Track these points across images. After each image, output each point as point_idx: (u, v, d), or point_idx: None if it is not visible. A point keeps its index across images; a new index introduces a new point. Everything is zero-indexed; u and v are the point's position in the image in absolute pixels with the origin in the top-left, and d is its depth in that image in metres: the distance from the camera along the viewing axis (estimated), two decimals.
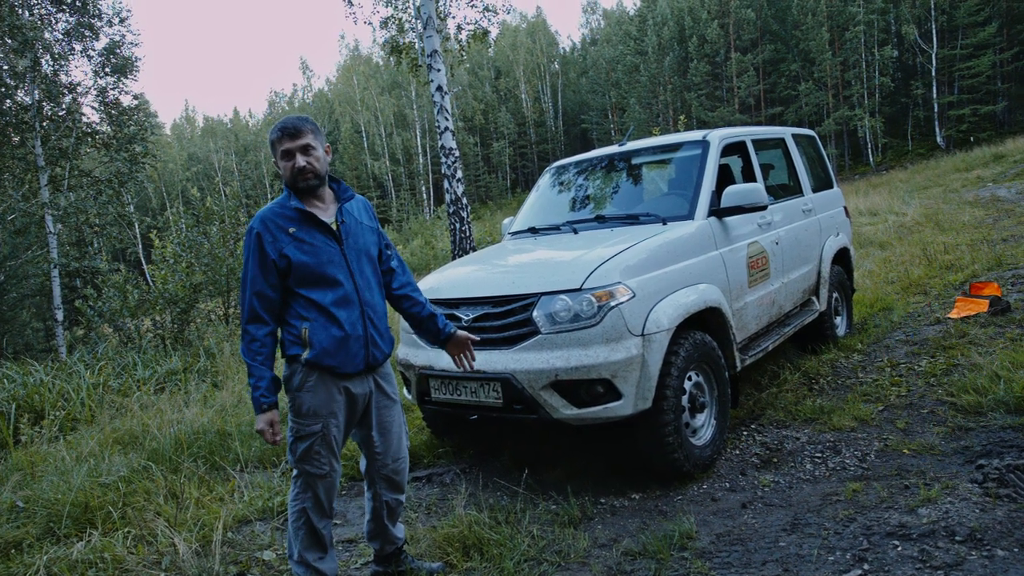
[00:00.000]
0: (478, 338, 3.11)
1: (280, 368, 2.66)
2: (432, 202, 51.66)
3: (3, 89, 13.10)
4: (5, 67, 13.39)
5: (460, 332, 2.95)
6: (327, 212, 2.67)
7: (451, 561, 3.05)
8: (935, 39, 36.72)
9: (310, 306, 2.57)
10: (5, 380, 6.96)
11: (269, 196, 56.72)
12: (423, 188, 52.80)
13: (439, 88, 9.94)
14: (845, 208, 6.37)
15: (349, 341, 2.59)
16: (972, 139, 33.57)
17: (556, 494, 3.67)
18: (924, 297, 7.17)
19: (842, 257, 6.03)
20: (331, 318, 2.57)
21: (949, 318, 6.04)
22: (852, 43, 38.17)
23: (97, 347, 10.21)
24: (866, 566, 2.62)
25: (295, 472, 2.67)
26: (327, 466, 2.64)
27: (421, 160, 52.55)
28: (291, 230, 2.55)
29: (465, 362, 2.99)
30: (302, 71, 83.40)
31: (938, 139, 36.79)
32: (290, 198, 2.60)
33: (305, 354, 2.55)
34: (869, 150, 38.51)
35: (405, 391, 4.30)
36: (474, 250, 10.08)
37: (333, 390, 2.60)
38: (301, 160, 2.55)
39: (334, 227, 2.64)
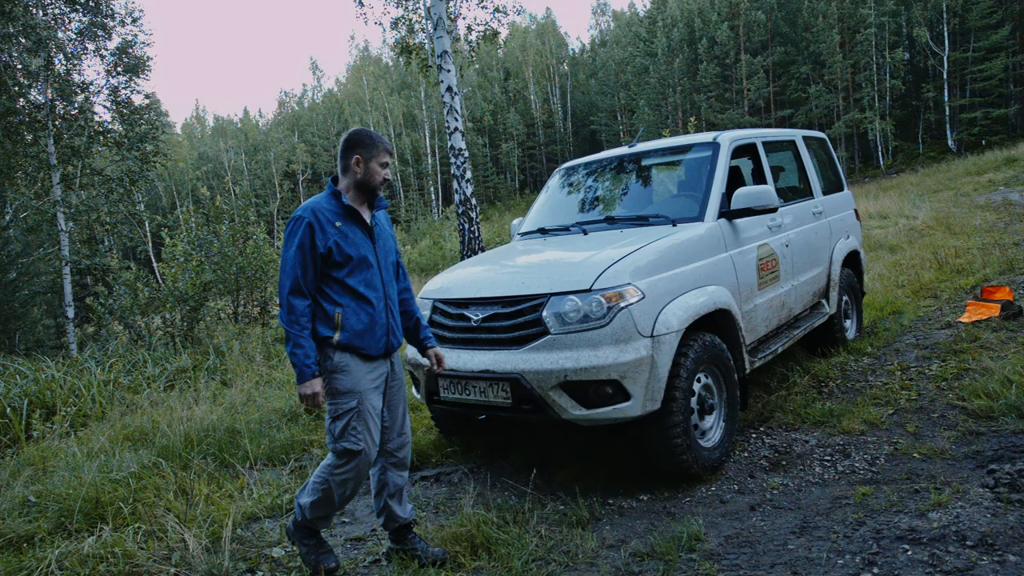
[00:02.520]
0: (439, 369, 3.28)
1: None
2: (441, 202, 51.75)
3: (17, 88, 13.21)
4: (19, 66, 13.50)
5: (435, 349, 3.26)
6: (366, 215, 2.99)
7: (459, 560, 3.06)
8: (947, 42, 36.52)
9: (344, 292, 2.85)
10: (17, 376, 7.02)
11: (278, 195, 56.94)
12: (432, 188, 52.89)
13: (449, 89, 9.96)
14: (855, 211, 6.35)
15: (376, 328, 2.90)
16: (984, 142, 33.37)
17: (564, 494, 3.67)
18: (935, 301, 7.13)
19: (852, 260, 6.01)
20: (362, 305, 2.87)
21: (960, 322, 6.01)
22: (863, 45, 38.00)
23: (108, 344, 10.28)
24: (876, 570, 2.61)
25: (331, 450, 2.92)
26: (364, 442, 2.87)
27: (430, 160, 52.64)
28: (337, 224, 2.85)
29: (435, 367, 3.25)
30: (312, 71, 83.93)
31: (949, 142, 36.58)
32: (339, 197, 2.90)
33: (336, 336, 2.82)
34: (879, 153, 38.33)
35: (414, 390, 4.31)
36: (483, 251, 10.09)
37: (365, 369, 2.89)
38: (389, 173, 2.98)
39: (371, 227, 2.98)
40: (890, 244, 11.32)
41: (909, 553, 2.69)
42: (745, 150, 4.87)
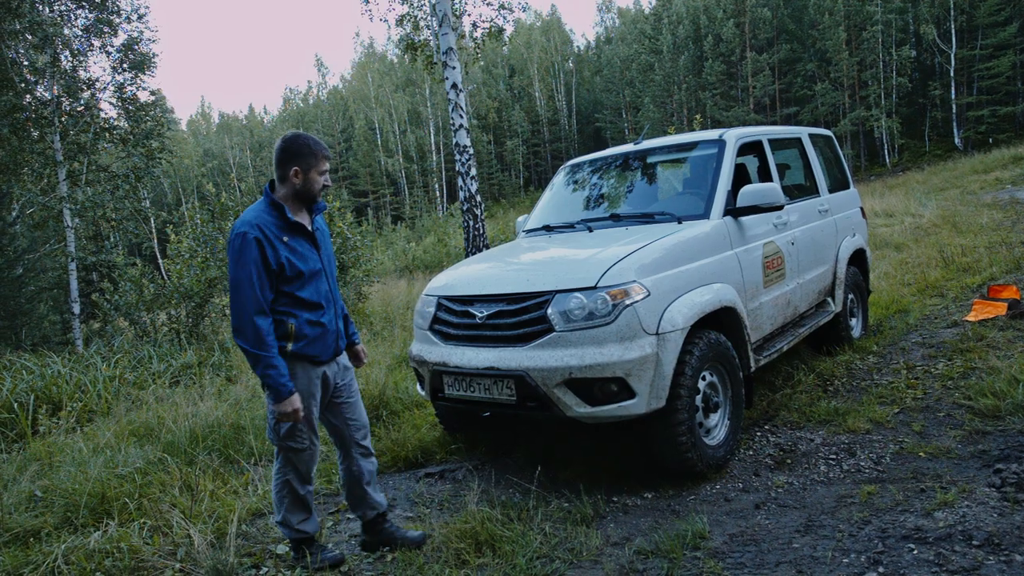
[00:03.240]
0: (367, 361, 3.40)
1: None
2: (445, 199, 51.73)
3: (23, 84, 13.25)
4: (25, 63, 13.53)
5: (359, 346, 3.36)
6: (306, 222, 2.98)
7: (463, 557, 3.06)
8: (954, 39, 36.34)
9: (296, 304, 2.87)
10: (24, 371, 7.05)
11: None
12: (436, 185, 52.89)
13: (454, 86, 9.96)
14: (861, 209, 6.32)
15: (327, 335, 2.98)
16: (991, 140, 33.21)
17: (569, 492, 3.67)
18: (941, 299, 7.10)
19: (858, 258, 5.99)
20: (315, 314, 2.92)
21: (966, 321, 5.98)
22: (869, 43, 37.83)
23: (113, 340, 10.31)
24: (881, 569, 2.60)
25: (276, 449, 3.03)
26: (307, 441, 3.00)
27: (435, 157, 52.63)
28: (284, 239, 2.84)
29: (359, 361, 3.37)
30: (317, 68, 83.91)
31: (956, 140, 36.42)
32: (277, 208, 2.86)
33: (290, 346, 2.86)
34: (885, 151, 38.17)
35: (418, 387, 4.31)
36: (487, 248, 10.09)
37: (312, 375, 2.96)
38: (328, 179, 2.97)
39: (314, 236, 2.99)
40: (896, 242, 11.27)
41: (915, 552, 2.68)
42: (751, 148, 4.85)
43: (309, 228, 2.95)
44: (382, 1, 45.45)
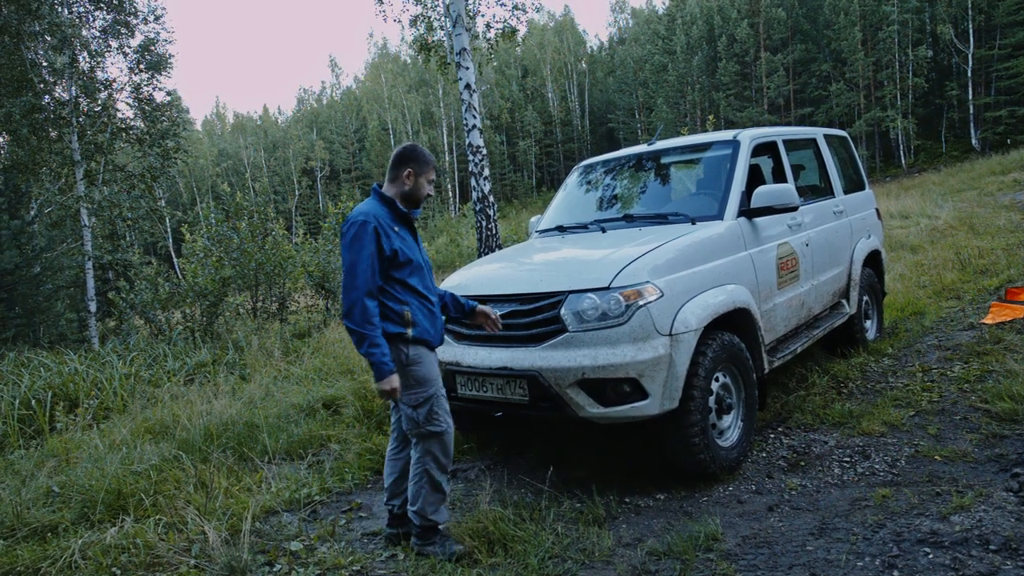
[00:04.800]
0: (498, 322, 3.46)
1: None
2: (458, 200, 51.81)
3: (42, 85, 13.41)
4: (45, 64, 13.70)
5: (482, 307, 3.46)
6: (413, 221, 3.24)
7: (476, 556, 3.07)
8: (971, 39, 35.94)
9: (407, 292, 3.07)
10: (42, 369, 7.13)
11: (297, 192, 57.33)
12: (449, 186, 52.97)
13: (467, 86, 9.97)
14: (877, 210, 6.27)
15: (436, 322, 3.18)
16: (1008, 141, 32.78)
17: (581, 492, 3.67)
18: (957, 302, 7.03)
19: (873, 260, 5.94)
20: (424, 302, 3.12)
21: (983, 323, 5.92)
22: (885, 43, 37.50)
23: (129, 338, 10.41)
24: (896, 573, 2.58)
25: (415, 440, 3.15)
26: (444, 423, 3.13)
27: (447, 158, 52.73)
28: (396, 229, 3.08)
29: (494, 324, 3.45)
30: (331, 69, 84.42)
31: (973, 141, 36.01)
32: (388, 202, 3.12)
33: (410, 332, 3.05)
34: (901, 152, 37.84)
35: None
36: (500, 248, 10.09)
37: (433, 359, 3.14)
38: (432, 189, 3.23)
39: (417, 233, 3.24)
40: (912, 244, 11.17)
41: (930, 556, 2.65)
42: (765, 148, 4.83)
43: (413, 223, 3.21)
44: (396, 2, 45.77)
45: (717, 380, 3.71)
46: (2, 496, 4.01)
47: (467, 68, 10.00)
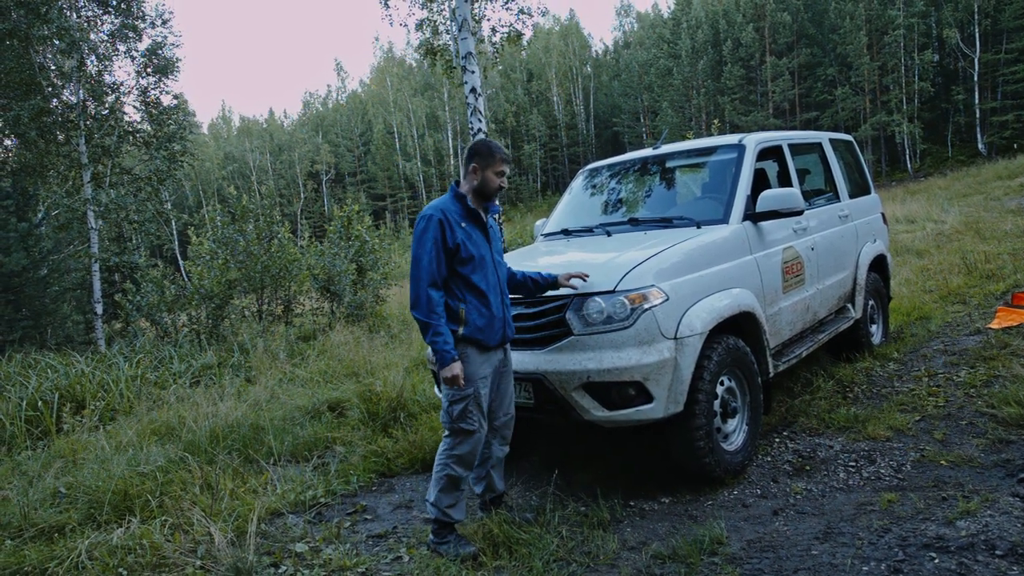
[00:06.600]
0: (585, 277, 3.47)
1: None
2: None
3: (51, 89, 13.48)
4: (53, 67, 13.78)
5: (567, 273, 3.49)
6: (483, 218, 3.29)
7: (480, 559, 3.07)
8: (978, 43, 35.86)
9: (467, 289, 3.15)
10: (49, 370, 7.17)
11: (302, 195, 57.45)
12: None
13: (473, 90, 10.00)
14: (883, 214, 6.26)
15: (494, 321, 3.19)
16: (1015, 146, 32.66)
17: (586, 495, 3.67)
18: (963, 307, 7.01)
19: (879, 264, 5.93)
20: (483, 301, 3.16)
21: (990, 328, 5.90)
22: (891, 47, 37.45)
23: (135, 340, 10.45)
24: None
25: (446, 432, 3.22)
26: (476, 423, 3.19)
27: (452, 161, 52.81)
28: (463, 224, 3.16)
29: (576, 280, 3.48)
30: (336, 72, 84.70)
31: (979, 145, 35.91)
32: (460, 198, 3.20)
33: (460, 330, 3.11)
34: (907, 156, 37.74)
35: (436, 389, 4.33)
36: (505, 251, 10.10)
37: (481, 359, 3.18)
38: (505, 181, 3.27)
39: (487, 229, 3.29)
40: (918, 248, 11.14)
41: (936, 561, 2.65)
42: (771, 152, 4.83)
43: (484, 220, 3.27)
44: (402, 6, 45.75)
45: (722, 384, 3.71)
46: (10, 497, 4.04)
47: (473, 72, 10.02)
